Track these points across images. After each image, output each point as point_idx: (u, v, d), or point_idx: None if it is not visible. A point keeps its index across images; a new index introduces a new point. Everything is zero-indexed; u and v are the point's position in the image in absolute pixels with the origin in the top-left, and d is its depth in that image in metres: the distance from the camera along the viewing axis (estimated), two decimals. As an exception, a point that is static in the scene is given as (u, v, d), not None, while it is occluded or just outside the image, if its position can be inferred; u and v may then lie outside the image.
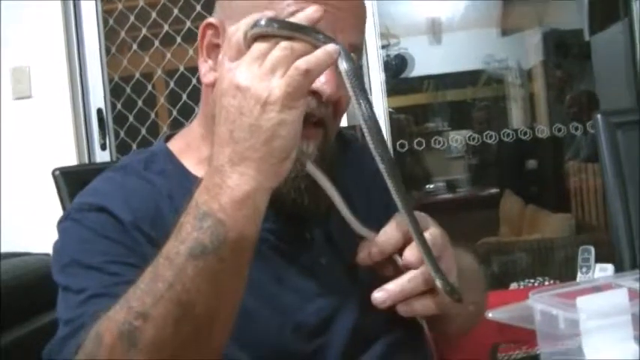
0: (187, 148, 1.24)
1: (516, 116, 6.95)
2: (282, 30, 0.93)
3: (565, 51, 6.38)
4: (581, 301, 1.03)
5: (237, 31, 0.96)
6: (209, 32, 1.17)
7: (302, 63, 0.90)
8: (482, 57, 6.71)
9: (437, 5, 6.50)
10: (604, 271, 1.89)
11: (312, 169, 1.10)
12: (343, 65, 0.96)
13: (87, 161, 3.60)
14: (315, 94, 1.08)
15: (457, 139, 5.07)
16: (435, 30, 6.63)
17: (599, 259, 1.99)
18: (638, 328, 1.03)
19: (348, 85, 0.97)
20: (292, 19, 0.96)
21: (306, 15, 0.96)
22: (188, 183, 1.13)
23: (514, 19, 6.71)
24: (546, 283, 2.42)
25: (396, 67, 6.37)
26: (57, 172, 1.76)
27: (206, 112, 1.22)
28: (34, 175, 3.24)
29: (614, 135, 1.93)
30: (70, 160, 3.50)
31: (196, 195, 0.94)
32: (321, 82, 1.07)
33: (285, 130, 0.90)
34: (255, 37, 0.94)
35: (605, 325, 1.03)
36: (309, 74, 0.91)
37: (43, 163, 2.52)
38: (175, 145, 1.26)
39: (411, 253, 1.03)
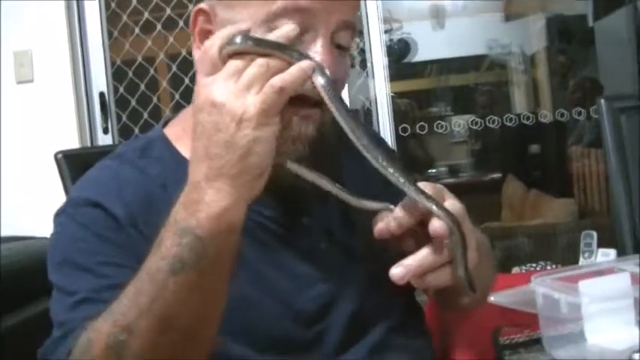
0: (184, 133, 1.23)
1: (519, 101, 6.94)
2: (257, 47, 0.95)
3: (569, 36, 6.36)
4: (584, 285, 1.03)
5: (212, 46, 0.97)
6: (201, 18, 1.16)
7: (277, 80, 0.92)
8: (486, 42, 6.69)
9: (440, -10, 6.48)
10: (606, 256, 1.90)
11: (294, 167, 1.09)
12: (319, 80, 0.98)
13: (89, 145, 3.60)
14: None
15: (460, 123, 5.06)
16: (438, 14, 6.61)
17: (602, 244, 2.00)
18: (640, 312, 1.03)
19: (325, 99, 0.99)
20: (269, 36, 0.98)
21: (282, 33, 0.99)
22: (183, 170, 1.13)
23: (518, 4, 6.70)
24: (548, 267, 2.43)
25: (399, 52, 6.36)
26: (59, 155, 1.76)
27: None
28: (37, 158, 3.24)
29: (617, 120, 1.93)
30: (73, 143, 3.50)
31: (174, 211, 0.96)
32: (321, 59, 1.06)
33: (260, 146, 0.92)
34: (231, 53, 0.96)
35: (607, 309, 1.03)
36: (284, 91, 0.92)
37: (45, 147, 2.52)
38: (172, 131, 1.26)
39: (440, 224, 0.98)
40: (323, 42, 1.08)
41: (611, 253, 1.89)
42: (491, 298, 1.61)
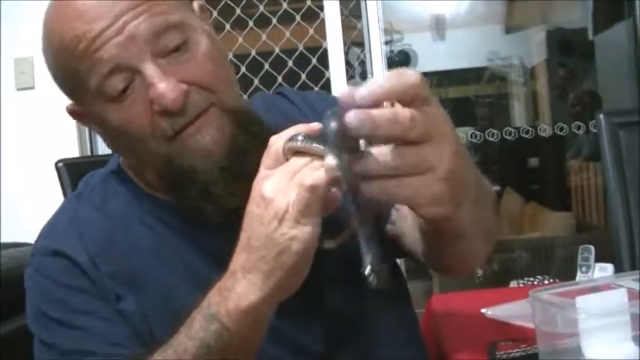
0: (138, 165, 1.24)
1: (519, 114, 6.96)
2: (314, 147, 0.92)
3: (569, 50, 6.39)
4: (581, 301, 1.03)
5: (277, 140, 0.95)
6: (76, 117, 1.19)
7: (309, 179, 0.89)
8: (486, 54, 6.72)
9: (441, 2, 6.50)
10: (604, 270, 1.89)
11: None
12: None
13: (89, 153, 3.60)
14: (167, 113, 1.06)
15: (459, 136, 5.08)
16: (438, 26, 6.64)
17: (599, 258, 1.99)
18: (638, 328, 1.04)
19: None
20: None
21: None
22: (142, 201, 1.19)
23: (518, 17, 6.72)
24: (546, 281, 2.43)
25: (399, 63, 6.38)
26: (60, 164, 1.78)
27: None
28: (37, 165, 3.24)
29: (616, 135, 1.93)
30: (73, 151, 3.50)
31: (210, 293, 0.99)
32: (158, 96, 1.05)
33: (296, 246, 0.91)
34: (294, 150, 0.94)
35: (604, 325, 1.03)
36: (315, 189, 0.89)
37: (45, 155, 2.53)
38: (127, 161, 1.26)
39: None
40: (148, 77, 1.05)
41: (609, 267, 1.89)
42: (488, 312, 1.62)
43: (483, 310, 1.64)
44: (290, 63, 3.61)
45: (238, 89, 1.19)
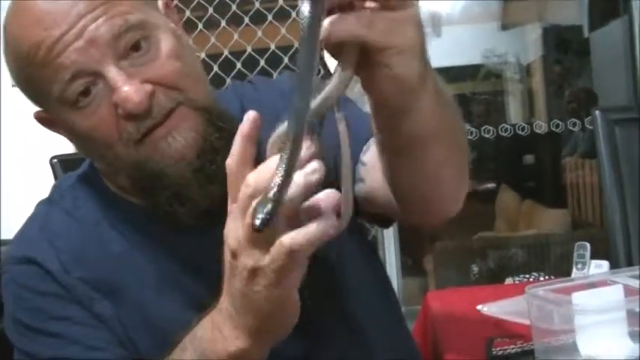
0: (108, 167, 1.21)
1: (514, 111, 6.97)
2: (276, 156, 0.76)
3: (564, 47, 6.39)
4: (577, 297, 1.03)
5: (230, 163, 0.82)
6: (44, 124, 1.19)
7: (286, 240, 0.75)
8: (482, 51, 6.72)
9: (437, -1, 6.50)
10: (599, 267, 1.90)
11: None
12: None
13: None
14: (132, 117, 1.03)
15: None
16: (434, 23, 6.62)
17: (595, 255, 2.00)
18: (635, 325, 1.04)
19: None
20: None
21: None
22: (113, 205, 1.17)
23: (514, 14, 6.72)
24: (542, 278, 2.43)
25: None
26: (54, 161, 1.77)
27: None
28: (34, 161, 3.23)
29: (612, 132, 1.94)
30: (68, 147, 3.49)
31: (205, 321, 0.93)
32: (122, 100, 1.02)
33: (268, 305, 0.82)
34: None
35: (600, 322, 1.03)
36: (294, 255, 0.76)
37: (42, 150, 2.52)
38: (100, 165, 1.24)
39: None
40: (111, 80, 1.02)
41: (604, 264, 1.89)
42: (485, 309, 1.62)
43: (479, 307, 1.64)
44: (286, 60, 3.60)
45: (208, 86, 1.15)
